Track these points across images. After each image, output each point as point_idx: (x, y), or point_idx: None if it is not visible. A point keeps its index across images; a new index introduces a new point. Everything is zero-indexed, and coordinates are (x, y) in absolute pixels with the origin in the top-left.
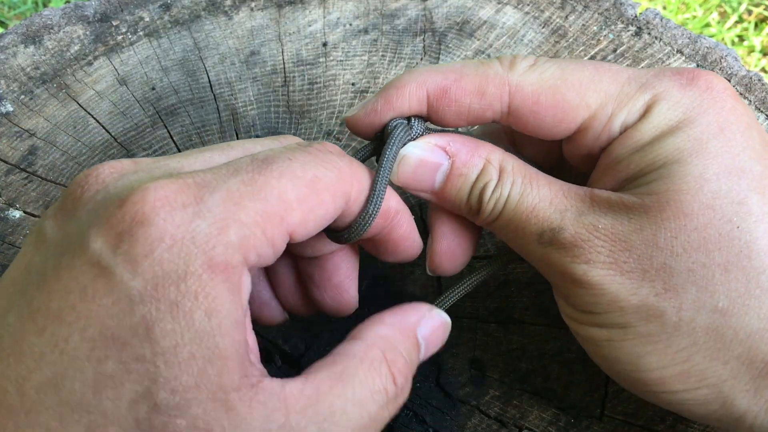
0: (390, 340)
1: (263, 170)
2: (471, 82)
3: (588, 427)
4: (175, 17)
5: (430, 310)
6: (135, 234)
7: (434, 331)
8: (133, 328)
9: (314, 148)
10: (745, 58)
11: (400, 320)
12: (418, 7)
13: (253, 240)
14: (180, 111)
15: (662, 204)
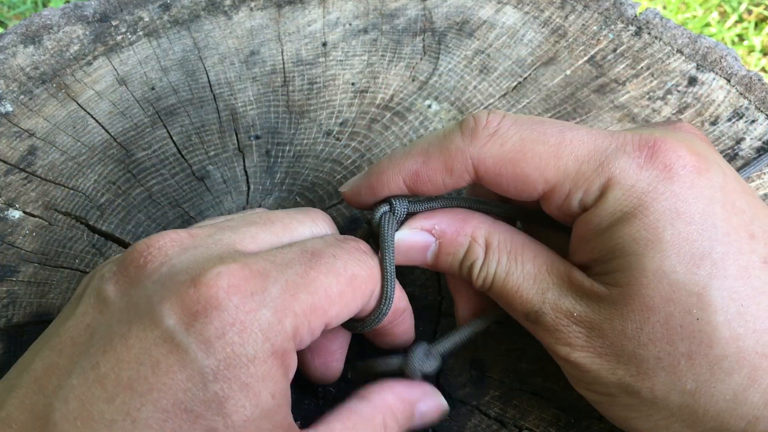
0: (391, 406)
1: (314, 265)
2: (437, 162)
3: (588, 427)
4: (175, 17)
5: (435, 393)
6: (209, 316)
7: (431, 410)
8: (206, 402)
9: (352, 247)
10: (745, 57)
11: (404, 392)
12: (418, 6)
13: (302, 330)
14: (179, 111)
15: (626, 297)
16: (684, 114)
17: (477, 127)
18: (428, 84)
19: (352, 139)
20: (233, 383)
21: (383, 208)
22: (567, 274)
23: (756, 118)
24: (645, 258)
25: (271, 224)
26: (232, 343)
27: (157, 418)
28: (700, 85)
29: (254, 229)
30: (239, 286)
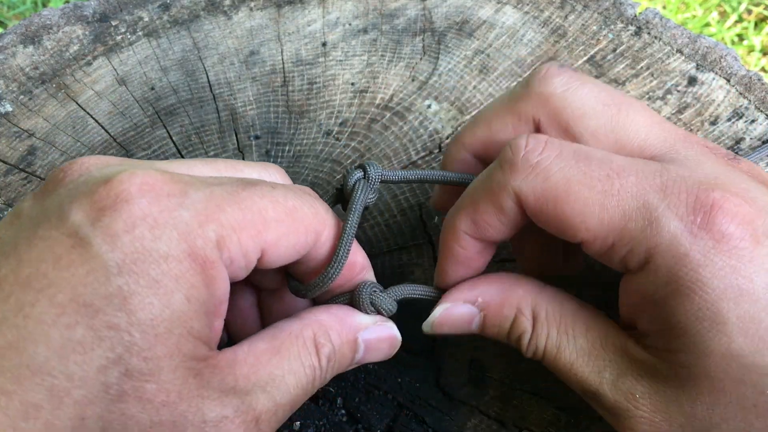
0: (324, 325)
1: (247, 187)
2: (487, 206)
3: (588, 427)
4: (174, 17)
5: (384, 322)
6: (118, 209)
7: (379, 341)
8: (108, 297)
9: (296, 186)
10: (744, 57)
11: (344, 315)
12: (418, 6)
13: (229, 243)
14: (179, 111)
15: (694, 379)
16: (684, 114)
17: (516, 157)
18: (428, 84)
19: (352, 139)
20: (140, 278)
21: (357, 174)
22: (624, 348)
23: (756, 117)
24: (711, 340)
25: (214, 162)
26: (142, 238)
27: (52, 313)
28: (700, 84)
29: (192, 161)
30: (155, 186)
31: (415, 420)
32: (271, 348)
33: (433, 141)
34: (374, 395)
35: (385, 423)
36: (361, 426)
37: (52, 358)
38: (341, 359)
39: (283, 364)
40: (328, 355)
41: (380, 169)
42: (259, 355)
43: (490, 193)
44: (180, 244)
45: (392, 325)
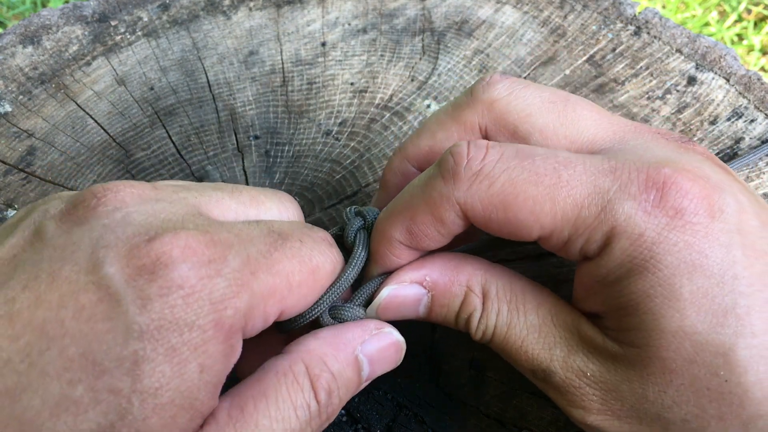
0: (317, 354)
1: (279, 247)
2: (424, 216)
3: None
4: (174, 17)
5: (380, 328)
6: (157, 273)
7: (382, 350)
8: (120, 359)
9: (319, 236)
10: (744, 57)
11: (335, 335)
12: (417, 6)
13: (256, 311)
14: (178, 111)
15: (645, 359)
16: (683, 113)
17: (458, 166)
18: (427, 84)
19: (351, 139)
20: (159, 345)
21: (357, 222)
22: (576, 326)
23: (755, 117)
24: (663, 317)
25: (239, 194)
26: (173, 305)
27: (58, 366)
28: (700, 84)
29: (220, 194)
30: (197, 250)
31: (415, 420)
32: (256, 394)
33: None
34: (374, 395)
35: (385, 423)
36: (360, 426)
37: (44, 412)
38: (347, 384)
39: (270, 410)
40: (328, 385)
41: (377, 213)
42: (244, 405)
43: (430, 204)
44: (209, 314)
45: (391, 330)
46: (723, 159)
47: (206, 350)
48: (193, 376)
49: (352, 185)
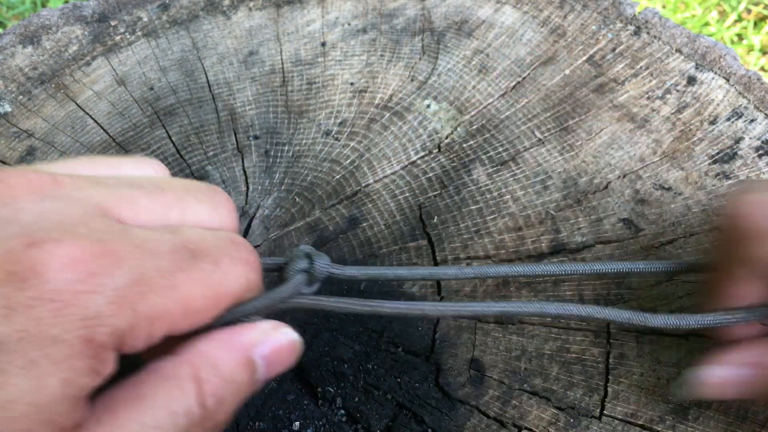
0: (208, 356)
1: (185, 267)
2: None
3: (587, 427)
4: (174, 17)
5: (276, 329)
6: (27, 282)
7: (277, 351)
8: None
9: (241, 258)
10: (744, 57)
11: (229, 337)
12: (417, 6)
13: (139, 332)
14: (178, 111)
15: None
16: (683, 113)
17: None
18: (427, 84)
19: (351, 139)
20: (17, 358)
21: (301, 263)
22: None
23: (755, 117)
24: None
25: (161, 193)
26: (40, 319)
27: None
28: (699, 84)
29: (137, 193)
30: (79, 262)
31: (415, 420)
32: (133, 398)
33: (433, 141)
34: (373, 395)
35: (385, 423)
36: (360, 426)
37: None
38: (239, 388)
39: (144, 416)
40: (216, 391)
41: (328, 264)
42: (116, 409)
43: None
44: (78, 330)
45: (288, 329)
46: (723, 158)
47: (71, 365)
48: (54, 391)
49: (351, 185)
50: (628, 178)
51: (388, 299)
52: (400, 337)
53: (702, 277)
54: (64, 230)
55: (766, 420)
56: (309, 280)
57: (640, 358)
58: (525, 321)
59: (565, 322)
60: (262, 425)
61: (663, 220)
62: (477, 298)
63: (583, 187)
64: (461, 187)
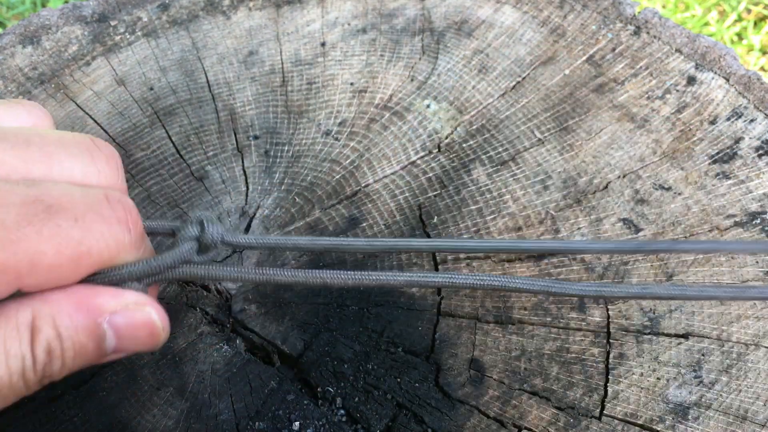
0: (54, 307)
1: (34, 221)
2: None
3: (587, 427)
4: (173, 17)
5: (139, 304)
6: None
7: (132, 327)
8: None
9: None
10: (744, 56)
11: (83, 296)
12: (417, 6)
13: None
14: (178, 111)
15: None
16: (683, 113)
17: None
18: (427, 84)
19: (351, 139)
20: None
21: (192, 230)
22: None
23: (755, 117)
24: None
25: (26, 146)
26: None
27: None
28: (699, 84)
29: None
30: None
31: (414, 419)
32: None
33: (432, 141)
34: (373, 395)
35: (385, 423)
36: (360, 426)
37: None
38: (78, 350)
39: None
40: (48, 344)
41: (221, 232)
42: None
43: None
44: None
45: (151, 310)
46: (723, 158)
47: None
48: None
49: (351, 185)
50: (627, 177)
51: (388, 298)
52: (400, 337)
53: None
54: None
55: (767, 420)
56: (200, 248)
57: (640, 358)
58: (525, 321)
59: (565, 322)
60: (261, 425)
61: (663, 219)
62: (476, 299)
63: (582, 187)
64: (461, 187)
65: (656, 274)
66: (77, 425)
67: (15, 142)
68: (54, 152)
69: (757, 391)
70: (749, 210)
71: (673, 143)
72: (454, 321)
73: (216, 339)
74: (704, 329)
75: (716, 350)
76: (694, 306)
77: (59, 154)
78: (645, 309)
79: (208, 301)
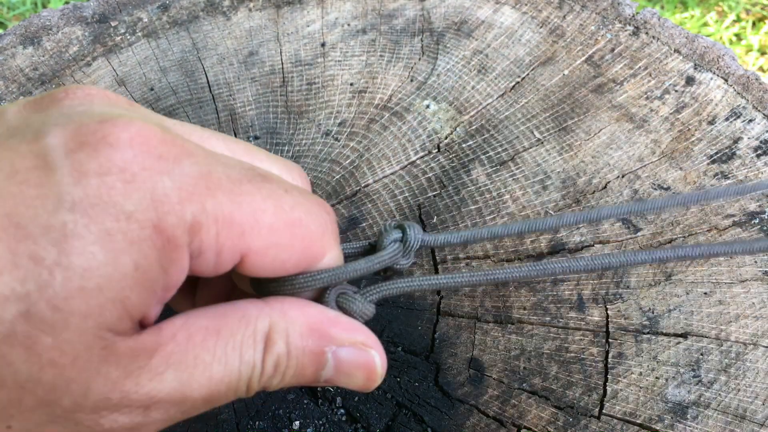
0: (290, 324)
1: (254, 180)
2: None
3: (586, 426)
4: (174, 18)
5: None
6: (99, 149)
7: (354, 366)
8: (47, 227)
9: (316, 199)
10: (742, 57)
11: (320, 320)
12: (416, 7)
13: (205, 233)
14: (178, 111)
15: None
16: (682, 113)
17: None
18: (426, 84)
19: (351, 139)
20: (93, 224)
21: (394, 234)
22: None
23: (753, 117)
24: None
25: (233, 142)
26: (112, 187)
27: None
28: (698, 84)
29: (208, 134)
30: (148, 141)
31: (414, 419)
32: (212, 327)
33: (432, 141)
34: (373, 395)
35: (384, 422)
36: (360, 425)
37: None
38: (298, 369)
39: (217, 348)
40: (278, 357)
41: (420, 233)
42: (194, 333)
43: None
44: (149, 211)
45: (376, 353)
46: (722, 158)
47: (142, 249)
48: (127, 270)
49: (351, 185)
50: (626, 178)
51: (390, 300)
52: (400, 336)
53: None
54: (136, 115)
55: (765, 419)
56: (404, 251)
57: (639, 357)
58: (524, 320)
59: (565, 321)
60: (262, 424)
61: (661, 219)
62: (476, 298)
63: (581, 187)
64: (460, 187)
65: (655, 273)
66: None
67: (225, 137)
68: (256, 153)
69: (756, 390)
70: (748, 210)
71: (671, 143)
72: (454, 320)
73: None
74: (703, 329)
75: (715, 349)
76: (693, 305)
77: (260, 155)
78: (644, 308)
79: None
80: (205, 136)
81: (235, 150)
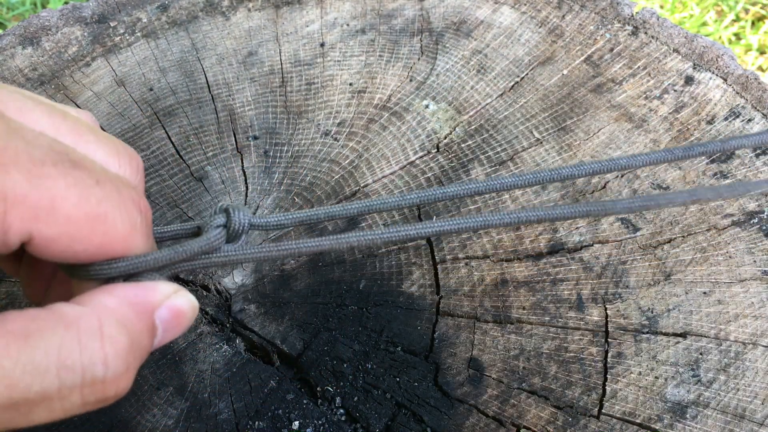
0: (119, 314)
1: (61, 166)
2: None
3: (586, 425)
4: (173, 18)
5: (177, 292)
6: None
7: (175, 316)
8: None
9: (131, 194)
10: (741, 56)
11: (138, 296)
12: (415, 7)
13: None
14: (178, 111)
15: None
16: (681, 113)
17: None
18: (426, 84)
19: (350, 139)
20: None
21: (217, 219)
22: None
23: (752, 117)
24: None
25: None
26: None
27: None
28: (697, 84)
29: (31, 105)
30: None
31: (413, 418)
32: (18, 331)
33: (431, 141)
34: (373, 395)
35: (384, 422)
36: (359, 425)
37: None
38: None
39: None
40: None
41: (247, 216)
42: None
43: None
44: None
45: (187, 292)
46: (720, 158)
47: None
48: None
49: (350, 185)
50: (626, 177)
51: (388, 299)
52: (399, 336)
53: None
54: None
55: (764, 418)
56: (229, 236)
57: (638, 357)
58: (523, 320)
59: (564, 321)
60: (261, 424)
61: (660, 219)
62: (475, 298)
63: (581, 187)
64: None
65: (654, 273)
66: (77, 424)
67: (52, 111)
68: (84, 133)
69: (755, 389)
70: (747, 209)
71: (671, 143)
72: (453, 320)
73: (216, 339)
74: (702, 328)
75: (714, 349)
76: (692, 305)
77: (88, 136)
78: (643, 308)
79: (208, 300)
80: (26, 108)
81: (59, 127)
